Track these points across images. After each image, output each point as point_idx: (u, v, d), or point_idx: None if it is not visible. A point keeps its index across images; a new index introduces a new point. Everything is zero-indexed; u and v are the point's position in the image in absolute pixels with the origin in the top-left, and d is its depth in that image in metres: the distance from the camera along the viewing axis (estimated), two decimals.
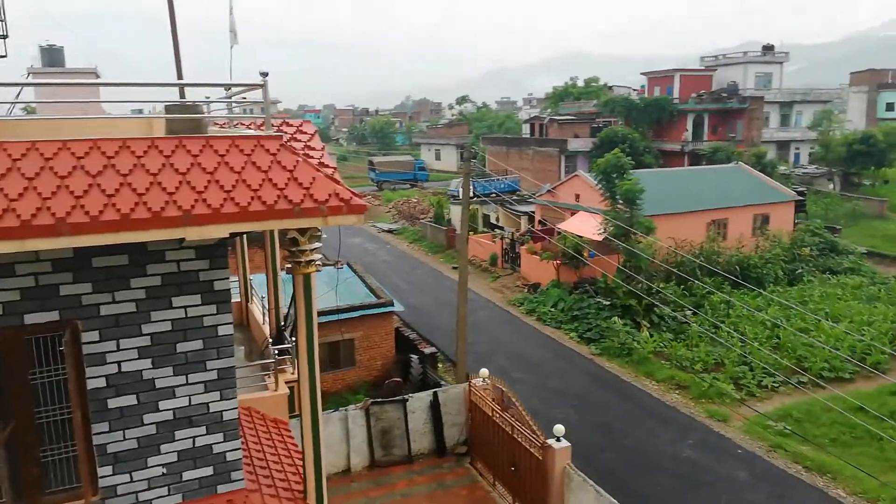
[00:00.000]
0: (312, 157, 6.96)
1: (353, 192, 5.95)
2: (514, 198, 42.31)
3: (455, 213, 41.53)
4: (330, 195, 5.76)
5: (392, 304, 21.08)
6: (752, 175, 36.97)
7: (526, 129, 69.50)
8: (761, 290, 26.90)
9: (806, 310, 25.14)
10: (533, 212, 38.01)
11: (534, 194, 39.21)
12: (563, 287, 28.83)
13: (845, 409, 17.40)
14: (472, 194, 40.54)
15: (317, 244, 6.84)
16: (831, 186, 47.75)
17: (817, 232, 34.06)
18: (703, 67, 62.49)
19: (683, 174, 39.32)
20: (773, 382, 20.37)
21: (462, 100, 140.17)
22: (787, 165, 52.30)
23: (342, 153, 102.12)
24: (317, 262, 7.17)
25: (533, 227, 36.46)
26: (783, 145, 57.68)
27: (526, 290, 30.85)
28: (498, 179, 47.87)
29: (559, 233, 30.23)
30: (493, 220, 42.63)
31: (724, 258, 29.38)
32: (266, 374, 9.22)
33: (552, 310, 27.65)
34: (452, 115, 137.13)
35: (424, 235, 43.94)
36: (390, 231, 48.01)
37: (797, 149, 58.50)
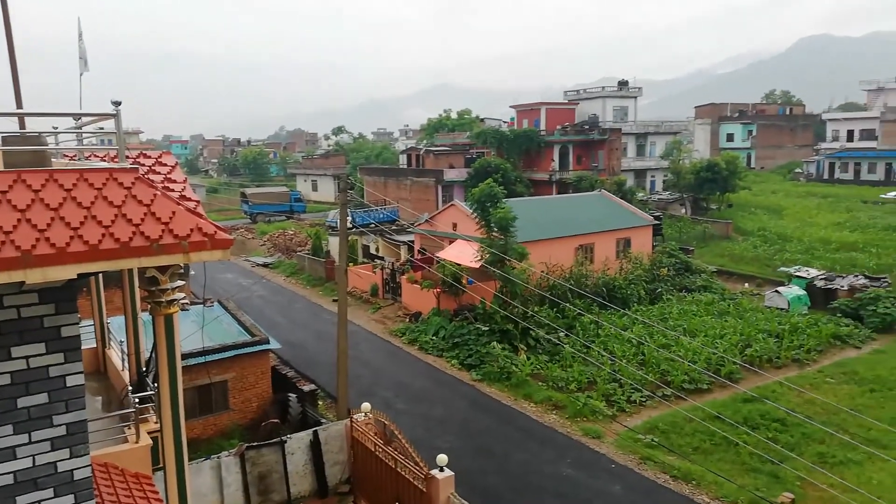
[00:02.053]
0: (173, 190, 6.61)
1: (217, 226, 5.69)
2: (394, 227, 42.50)
3: (333, 245, 40.97)
4: (192, 230, 5.47)
5: (268, 342, 20.28)
6: (613, 202, 39.45)
7: (403, 159, 70.32)
8: (626, 310, 28.58)
9: (666, 327, 26.97)
10: (412, 241, 38.29)
11: (412, 224, 39.55)
12: (444, 315, 29.13)
13: (704, 418, 18.74)
14: (350, 225, 40.32)
15: (179, 282, 6.46)
16: (683, 211, 51.91)
17: (673, 253, 36.78)
18: (566, 101, 66.32)
19: (552, 202, 41.25)
20: (641, 397, 21.55)
21: (338, 130, 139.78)
22: (644, 192, 56.36)
23: (212, 185, 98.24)
24: (180, 302, 6.76)
25: (413, 256, 36.69)
26: (640, 173, 62.17)
27: (407, 320, 30.85)
28: (377, 209, 47.93)
29: (438, 261, 30.61)
30: (372, 251, 42.48)
31: (592, 281, 30.99)
32: (126, 426, 8.50)
33: (434, 338, 27.80)
34: (329, 146, 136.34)
35: (302, 268, 42.94)
36: (265, 265, 46.50)
37: (652, 176, 63.27)
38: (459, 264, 28.89)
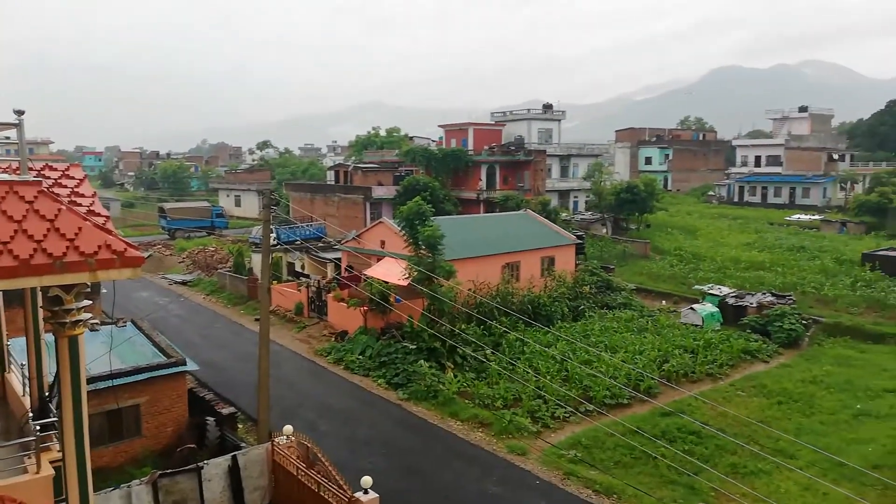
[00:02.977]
0: (80, 205, 6.27)
1: (127, 243, 5.43)
2: (320, 245, 41.85)
3: (257, 262, 39.93)
4: (100, 247, 5.21)
5: (184, 363, 19.44)
6: (538, 221, 40.28)
7: (331, 175, 69.68)
8: (550, 328, 29.11)
9: (589, 343, 27.62)
10: (339, 259, 37.82)
11: (339, 241, 39.09)
12: (371, 333, 28.81)
13: (624, 432, 19.22)
14: (274, 241, 39.40)
15: (86, 302, 6.11)
16: (604, 230, 53.59)
17: (595, 272, 37.82)
18: (493, 122, 67.64)
19: (479, 220, 41.72)
20: (565, 413, 21.88)
21: (264, 145, 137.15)
22: (567, 212, 57.92)
23: (128, 199, 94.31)
24: (89, 322, 6.39)
25: (339, 274, 36.21)
26: (564, 194, 63.91)
27: (333, 339, 30.32)
28: (302, 226, 47.11)
29: (366, 279, 30.32)
30: (298, 268, 41.66)
31: (517, 298, 31.43)
32: (26, 455, 7.93)
33: (360, 357, 27.43)
34: (253, 161, 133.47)
35: (223, 286, 41.63)
36: (184, 283, 44.80)
37: (575, 197, 65.17)
38: (387, 282, 28.71)
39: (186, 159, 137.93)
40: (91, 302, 6.16)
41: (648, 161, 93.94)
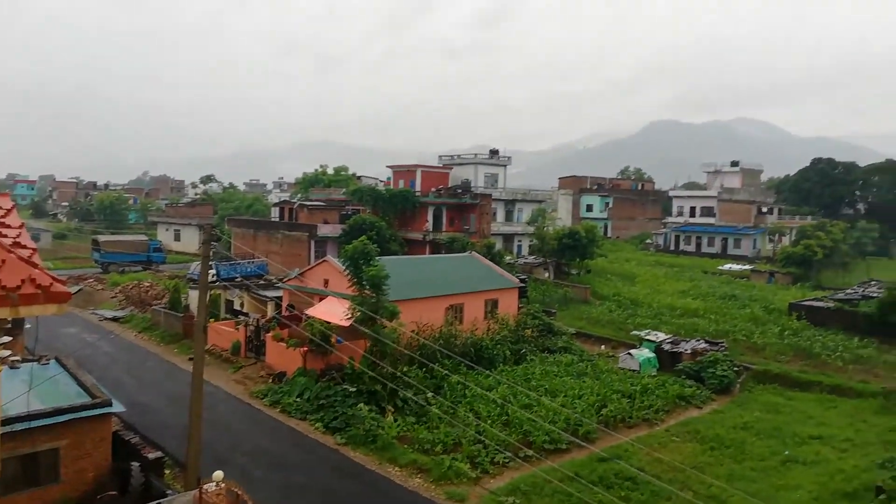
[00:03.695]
0: (5, 237, 6.00)
1: (54, 278, 5.21)
2: (261, 282, 41.02)
3: (194, 298, 38.74)
4: (23, 280, 4.97)
5: (110, 405, 18.47)
6: (483, 263, 40.64)
7: (276, 212, 68.88)
8: (492, 371, 29.09)
9: (529, 387, 27.70)
10: (280, 297, 37.11)
11: (282, 279, 38.42)
12: (310, 375, 28.16)
13: (562, 478, 19.21)
14: (213, 278, 38.40)
15: (5, 338, 5.81)
16: (547, 275, 54.41)
17: (537, 315, 38.20)
18: (441, 165, 68.57)
19: (425, 262, 41.79)
20: (504, 458, 21.74)
21: (207, 179, 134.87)
22: (511, 256, 58.69)
23: (61, 230, 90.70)
24: (7, 359, 6.07)
25: (280, 312, 35.47)
26: (508, 238, 64.88)
27: (271, 381, 29.49)
28: (243, 263, 46.15)
29: (307, 318, 29.78)
30: (237, 306, 40.63)
31: (460, 341, 31.37)
32: None
33: (298, 400, 26.72)
34: (196, 195, 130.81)
35: (157, 323, 40.16)
36: (115, 319, 43.02)
37: (519, 241, 66.21)
38: (329, 322, 28.27)
39: (126, 191, 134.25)
40: (12, 338, 5.88)
41: (590, 208, 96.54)
